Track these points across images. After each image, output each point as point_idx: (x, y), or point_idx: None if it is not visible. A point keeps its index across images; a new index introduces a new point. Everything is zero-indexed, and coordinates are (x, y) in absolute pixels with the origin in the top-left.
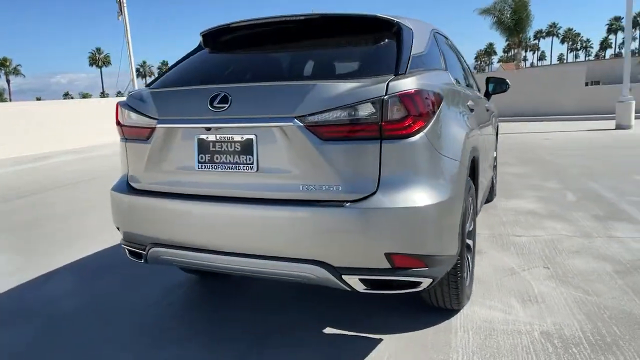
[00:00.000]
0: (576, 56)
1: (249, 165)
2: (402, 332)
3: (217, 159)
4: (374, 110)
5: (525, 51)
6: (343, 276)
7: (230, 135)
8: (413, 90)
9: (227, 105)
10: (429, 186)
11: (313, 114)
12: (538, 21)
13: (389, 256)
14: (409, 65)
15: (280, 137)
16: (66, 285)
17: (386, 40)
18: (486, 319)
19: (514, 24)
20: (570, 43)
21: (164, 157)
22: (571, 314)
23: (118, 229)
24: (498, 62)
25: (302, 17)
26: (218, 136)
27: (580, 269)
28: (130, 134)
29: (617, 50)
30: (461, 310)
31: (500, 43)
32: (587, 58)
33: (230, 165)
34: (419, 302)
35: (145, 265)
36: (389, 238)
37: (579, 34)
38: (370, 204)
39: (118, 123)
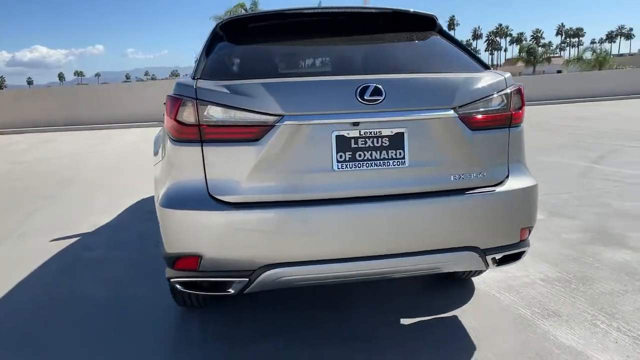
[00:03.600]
0: None
1: (399, 160)
2: (458, 307)
3: (360, 156)
4: (505, 101)
5: None
6: (487, 256)
7: (377, 130)
8: (521, 84)
9: (381, 98)
10: (526, 166)
11: (465, 105)
12: None
13: (520, 230)
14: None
15: (435, 128)
16: None
17: (439, 36)
18: (497, 279)
19: None
20: None
21: (284, 160)
22: (537, 263)
23: (178, 259)
24: None
25: (373, 10)
26: (362, 132)
27: None
28: (218, 135)
29: None
30: (469, 279)
31: None
32: None
33: (377, 161)
34: (430, 283)
35: None
36: (523, 214)
37: None
38: (510, 187)
39: (181, 122)
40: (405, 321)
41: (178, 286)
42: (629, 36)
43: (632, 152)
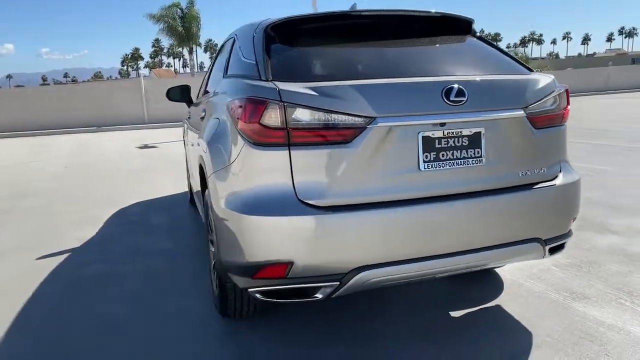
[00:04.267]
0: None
1: (477, 159)
2: (496, 296)
3: (443, 156)
4: (558, 101)
5: (174, 58)
6: (546, 246)
7: (458, 130)
8: (567, 85)
9: (465, 99)
10: (569, 161)
11: (531, 104)
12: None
13: (570, 221)
14: None
15: (507, 127)
16: None
17: (476, 39)
18: (518, 268)
19: (185, 33)
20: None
21: (374, 162)
22: None
23: (262, 267)
24: (145, 67)
25: (422, 14)
26: (446, 132)
27: None
28: (306, 138)
29: None
30: (494, 270)
31: (146, 48)
32: None
33: (458, 160)
34: (455, 278)
35: None
36: (573, 205)
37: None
38: (565, 180)
39: (265, 125)
40: (454, 314)
41: (258, 296)
42: (539, 41)
43: (581, 148)
